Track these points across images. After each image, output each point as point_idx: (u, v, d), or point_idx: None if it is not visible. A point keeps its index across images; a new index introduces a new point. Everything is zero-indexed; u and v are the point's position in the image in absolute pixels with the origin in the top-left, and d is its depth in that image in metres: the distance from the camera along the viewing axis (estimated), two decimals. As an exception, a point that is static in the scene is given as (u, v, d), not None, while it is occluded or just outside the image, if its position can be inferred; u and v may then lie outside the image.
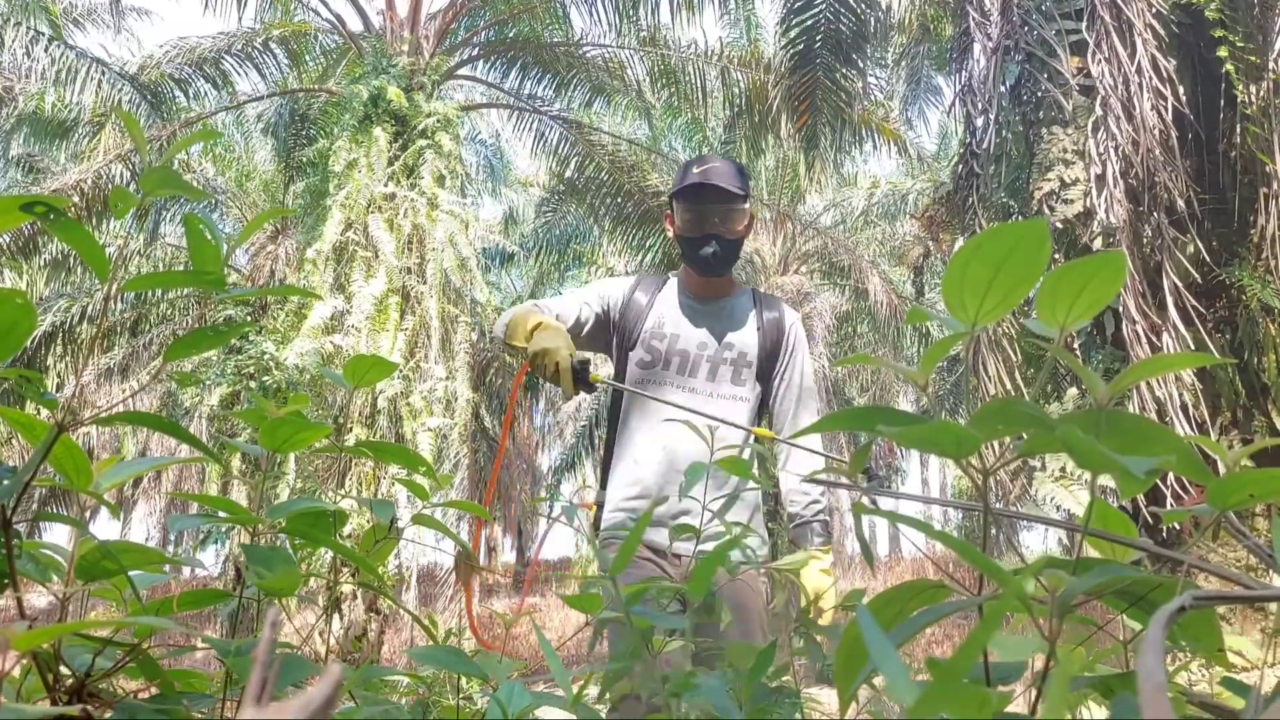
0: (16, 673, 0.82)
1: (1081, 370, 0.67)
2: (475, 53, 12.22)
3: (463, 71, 12.34)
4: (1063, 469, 6.05)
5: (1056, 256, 6.74)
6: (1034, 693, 0.70)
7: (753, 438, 2.29)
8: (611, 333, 2.52)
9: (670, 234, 2.52)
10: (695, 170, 2.40)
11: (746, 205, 2.44)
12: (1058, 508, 5.98)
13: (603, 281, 2.60)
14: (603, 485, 2.46)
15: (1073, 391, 6.72)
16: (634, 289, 2.55)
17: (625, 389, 2.34)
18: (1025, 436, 0.68)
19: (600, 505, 2.43)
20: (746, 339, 2.47)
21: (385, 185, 9.76)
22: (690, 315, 2.49)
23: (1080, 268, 0.61)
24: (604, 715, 1.46)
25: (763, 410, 2.50)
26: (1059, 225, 6.38)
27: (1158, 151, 5.81)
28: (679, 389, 2.39)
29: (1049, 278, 0.63)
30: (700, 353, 2.43)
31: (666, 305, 2.51)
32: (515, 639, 13.46)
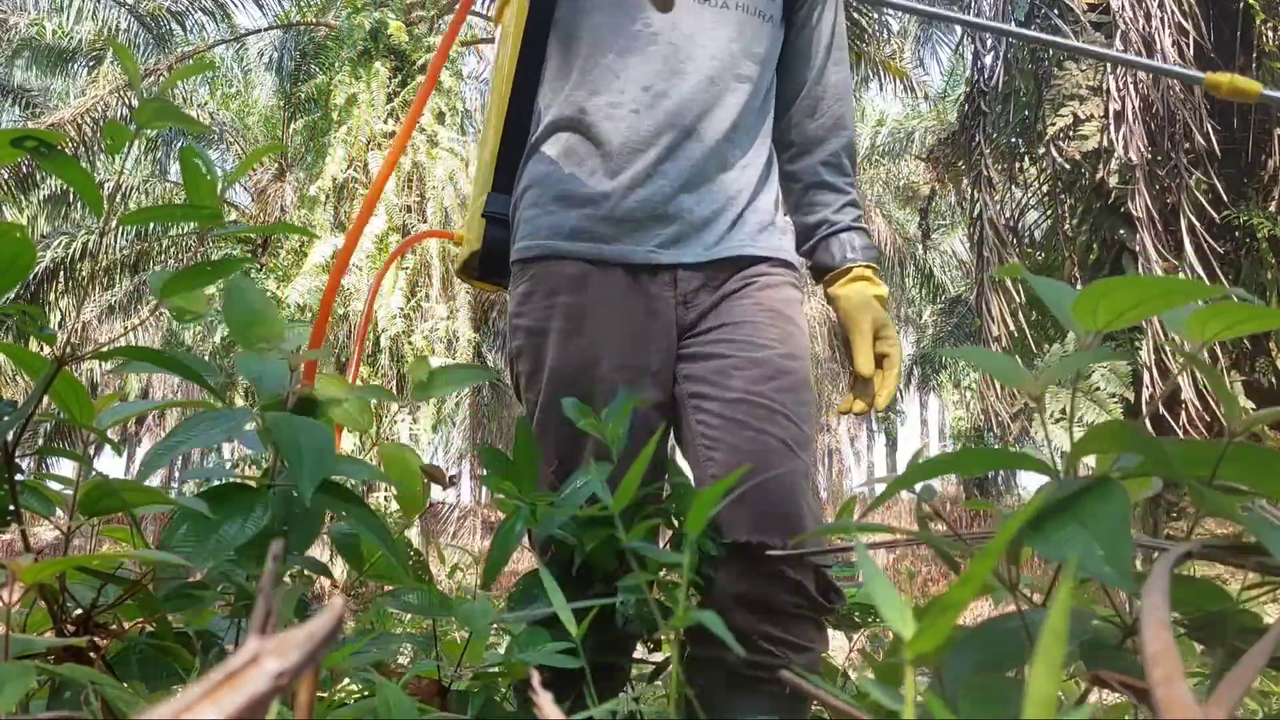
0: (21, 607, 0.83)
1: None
2: (476, -15, 12.00)
3: (463, 5, 12.12)
4: (1063, 410, 6.07)
5: (1062, 196, 6.69)
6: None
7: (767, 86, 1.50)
8: None
9: None
10: None
11: None
12: (1057, 450, 6.02)
13: None
14: (498, 181, 1.51)
15: (1073, 335, 6.70)
16: None
17: None
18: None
19: (491, 218, 1.50)
20: None
21: (385, 122, 9.65)
22: None
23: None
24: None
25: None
26: (1067, 166, 6.32)
27: (1178, 88, 5.72)
28: None
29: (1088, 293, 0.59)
30: None
31: None
32: (515, 575, 13.64)
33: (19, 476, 0.83)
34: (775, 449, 1.26)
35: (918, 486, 0.76)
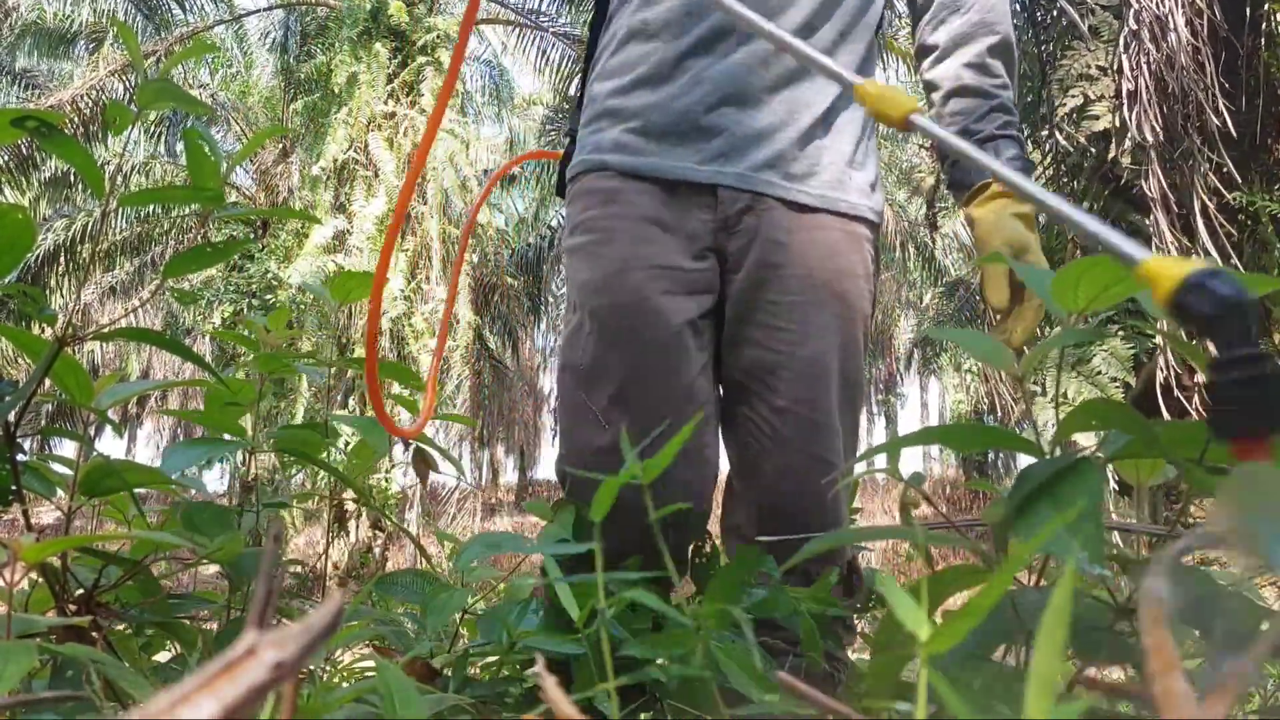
0: (25, 585, 0.83)
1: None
2: (477, -35, 11.94)
3: (464, -15, 12.07)
4: (1063, 394, 6.07)
5: (1066, 180, 6.67)
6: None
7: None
8: None
9: None
10: None
11: None
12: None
13: None
14: (578, 108, 1.43)
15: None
16: None
17: None
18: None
19: (572, 136, 1.41)
20: None
21: (385, 103, 9.62)
22: None
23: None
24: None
25: None
26: (1072, 149, 6.29)
27: (1192, 69, 5.67)
28: None
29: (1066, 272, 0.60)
30: None
31: None
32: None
33: (20, 457, 0.83)
34: (818, 473, 1.19)
35: (907, 473, 0.76)
